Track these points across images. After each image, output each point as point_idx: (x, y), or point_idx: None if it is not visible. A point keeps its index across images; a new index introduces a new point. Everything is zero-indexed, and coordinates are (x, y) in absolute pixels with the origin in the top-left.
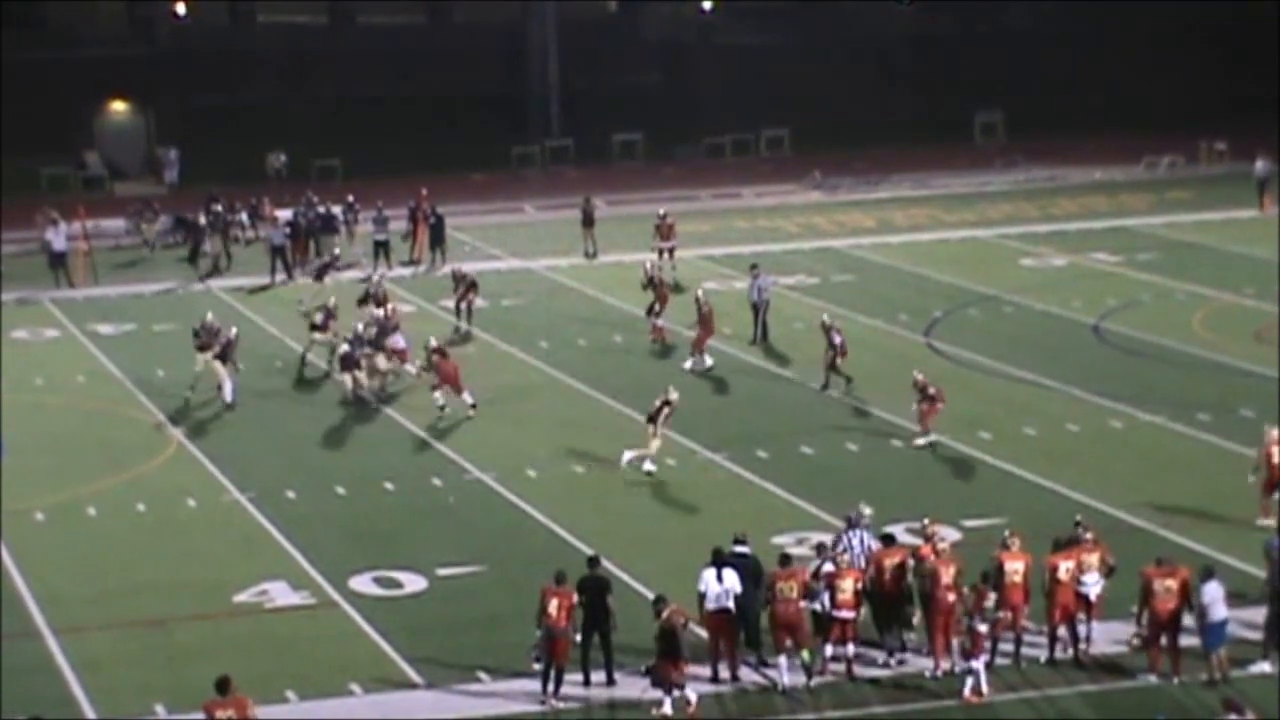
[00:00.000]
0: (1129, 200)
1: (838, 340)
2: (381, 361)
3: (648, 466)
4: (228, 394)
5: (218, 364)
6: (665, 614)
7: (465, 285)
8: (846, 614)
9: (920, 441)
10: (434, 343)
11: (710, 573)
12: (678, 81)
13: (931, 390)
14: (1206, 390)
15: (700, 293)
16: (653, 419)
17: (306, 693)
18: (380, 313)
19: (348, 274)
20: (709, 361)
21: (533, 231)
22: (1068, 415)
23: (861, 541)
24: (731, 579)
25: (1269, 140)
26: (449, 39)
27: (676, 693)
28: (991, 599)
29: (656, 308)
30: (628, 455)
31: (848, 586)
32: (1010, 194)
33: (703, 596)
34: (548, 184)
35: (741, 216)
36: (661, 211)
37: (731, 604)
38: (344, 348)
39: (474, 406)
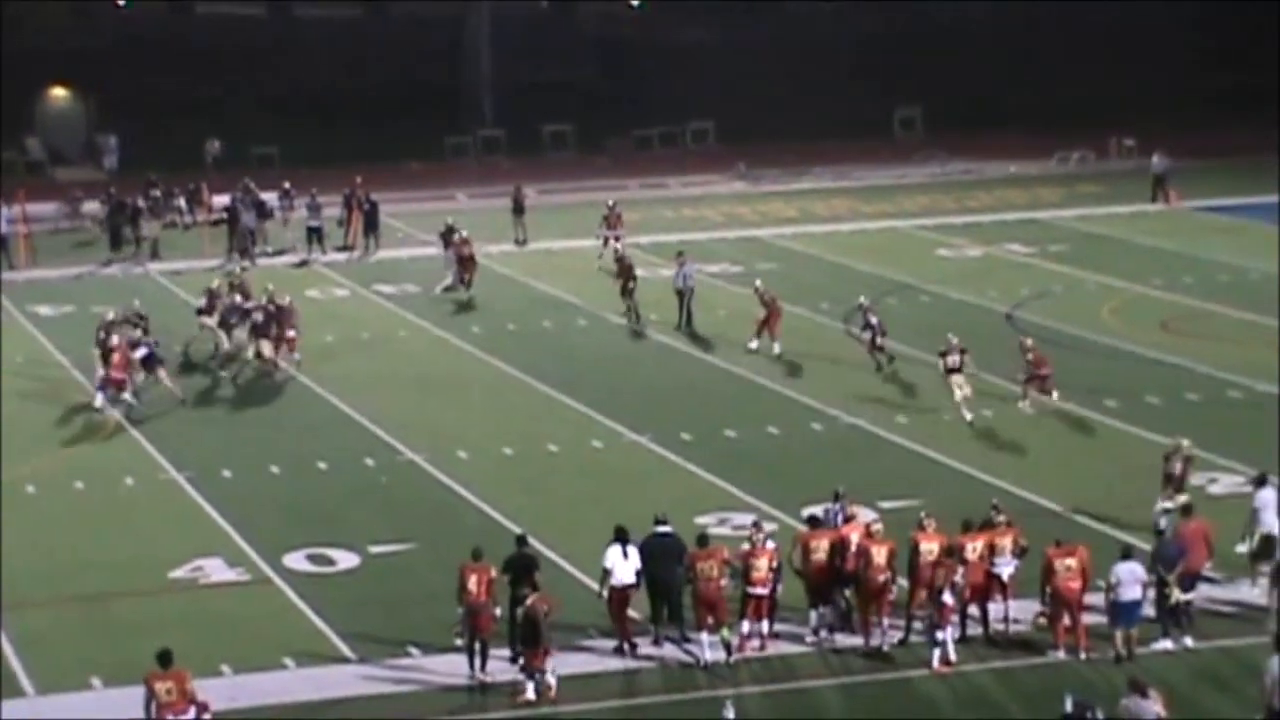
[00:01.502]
0: (1042, 193)
1: (874, 321)
2: (265, 346)
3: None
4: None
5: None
6: (529, 602)
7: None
8: (761, 590)
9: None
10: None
11: (615, 549)
12: (608, 75)
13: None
14: (1115, 378)
15: (759, 282)
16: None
17: (241, 667)
18: (238, 299)
19: (282, 259)
20: (778, 348)
21: (465, 219)
22: (982, 401)
23: (834, 516)
24: (635, 556)
25: (1172, 136)
26: (385, 31)
27: (538, 677)
28: (960, 573)
29: (631, 286)
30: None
31: (762, 565)
32: (927, 187)
33: (608, 573)
34: (480, 173)
35: (668, 206)
36: (611, 201)
37: (634, 579)
38: (258, 317)
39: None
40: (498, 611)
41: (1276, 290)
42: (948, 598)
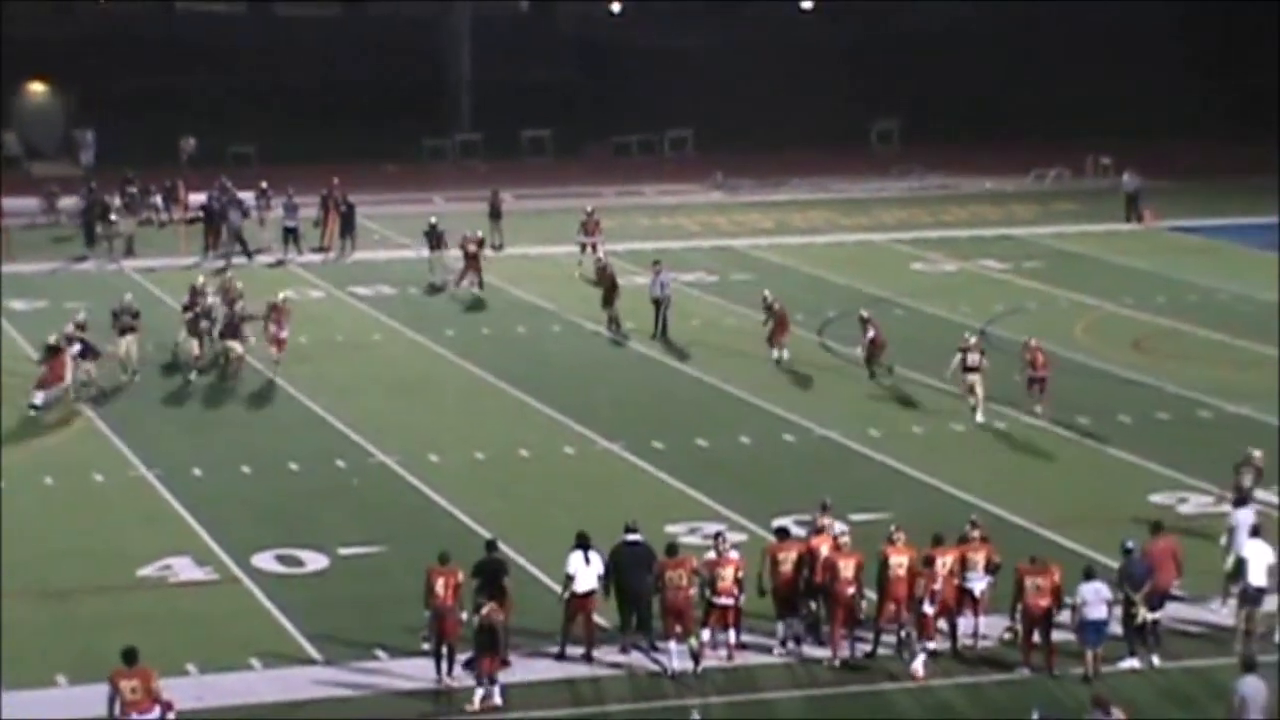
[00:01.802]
0: (1017, 210)
1: (872, 334)
2: (234, 346)
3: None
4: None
5: (133, 341)
6: (484, 611)
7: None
8: (725, 600)
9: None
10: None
11: (577, 556)
12: (588, 80)
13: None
14: (1087, 395)
15: (768, 293)
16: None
17: (207, 666)
18: (213, 300)
19: (258, 259)
20: (786, 355)
21: (441, 223)
22: (954, 415)
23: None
24: (597, 562)
25: (1149, 156)
26: (364, 31)
27: (487, 686)
28: (939, 581)
29: (613, 296)
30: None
31: (727, 574)
32: (904, 200)
33: (570, 579)
34: (457, 176)
35: (644, 214)
36: (589, 208)
37: (596, 585)
38: (233, 315)
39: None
40: (464, 616)
41: (1247, 310)
42: (928, 608)
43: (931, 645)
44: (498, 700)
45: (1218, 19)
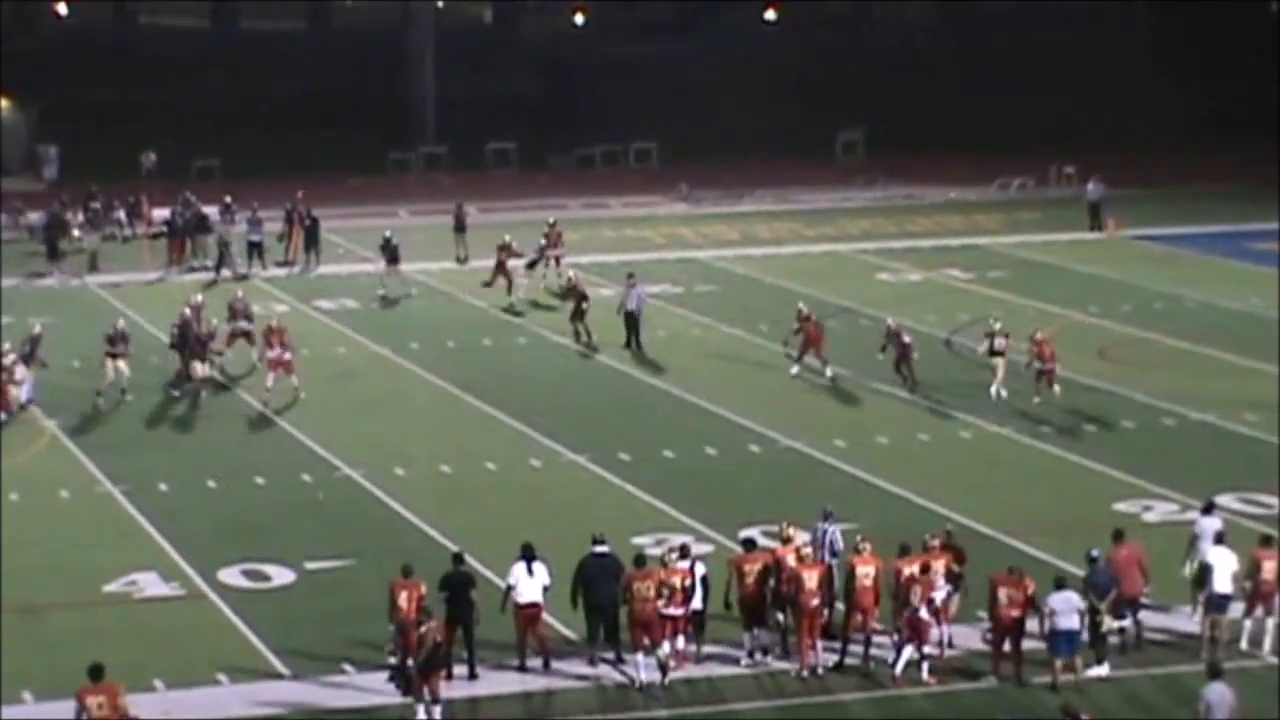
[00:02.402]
0: (981, 220)
1: (907, 340)
2: (197, 367)
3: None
4: (25, 394)
5: (123, 365)
6: (423, 630)
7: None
8: (675, 611)
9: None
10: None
11: (520, 566)
12: (552, 92)
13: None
14: (1052, 404)
15: (804, 306)
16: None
17: (174, 682)
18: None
19: (221, 273)
20: (829, 372)
21: (406, 236)
22: (919, 425)
23: (826, 536)
24: (542, 573)
25: (1112, 165)
26: (328, 44)
27: (429, 705)
28: (939, 587)
29: (583, 309)
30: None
31: (674, 584)
32: (869, 211)
33: (511, 590)
34: (422, 190)
35: (609, 226)
36: (551, 220)
37: (540, 597)
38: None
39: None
40: (431, 625)
41: (1211, 319)
42: (924, 614)
43: (927, 649)
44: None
45: (1180, 33)
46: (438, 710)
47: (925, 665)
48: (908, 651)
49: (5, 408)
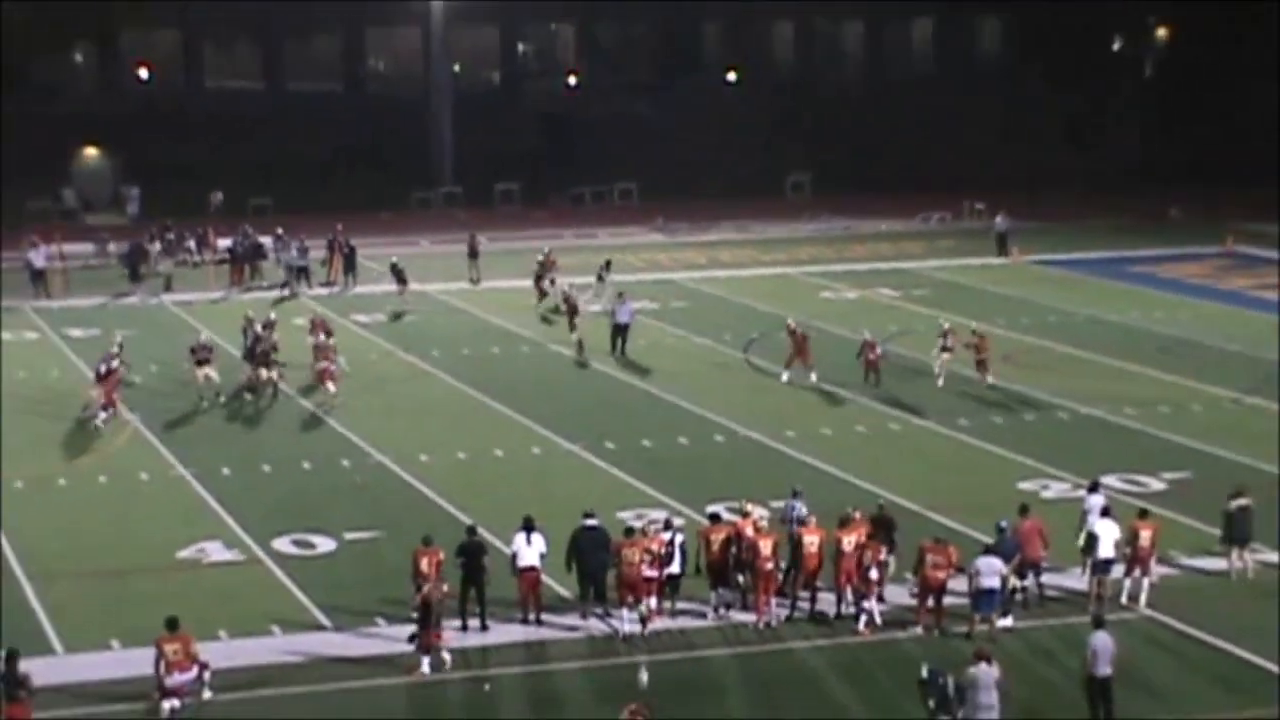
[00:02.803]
0: (907, 247)
1: (878, 351)
2: (262, 373)
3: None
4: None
5: (212, 372)
6: (425, 590)
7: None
8: (651, 573)
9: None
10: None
11: (521, 536)
12: (550, 143)
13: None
14: (966, 401)
15: (792, 321)
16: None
17: (236, 633)
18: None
19: (274, 292)
20: (814, 376)
21: (428, 261)
22: (857, 419)
23: (793, 510)
24: (539, 542)
25: (1015, 201)
26: (363, 103)
27: (434, 655)
28: (884, 552)
29: (576, 321)
30: None
31: (654, 550)
32: (814, 240)
33: (514, 556)
34: (441, 223)
35: (597, 253)
36: (546, 249)
37: (538, 562)
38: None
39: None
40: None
41: (1098, 330)
42: (874, 574)
43: (870, 604)
44: (425, 670)
45: (1077, 93)
46: (426, 661)
47: (864, 618)
48: (869, 605)
49: (110, 404)
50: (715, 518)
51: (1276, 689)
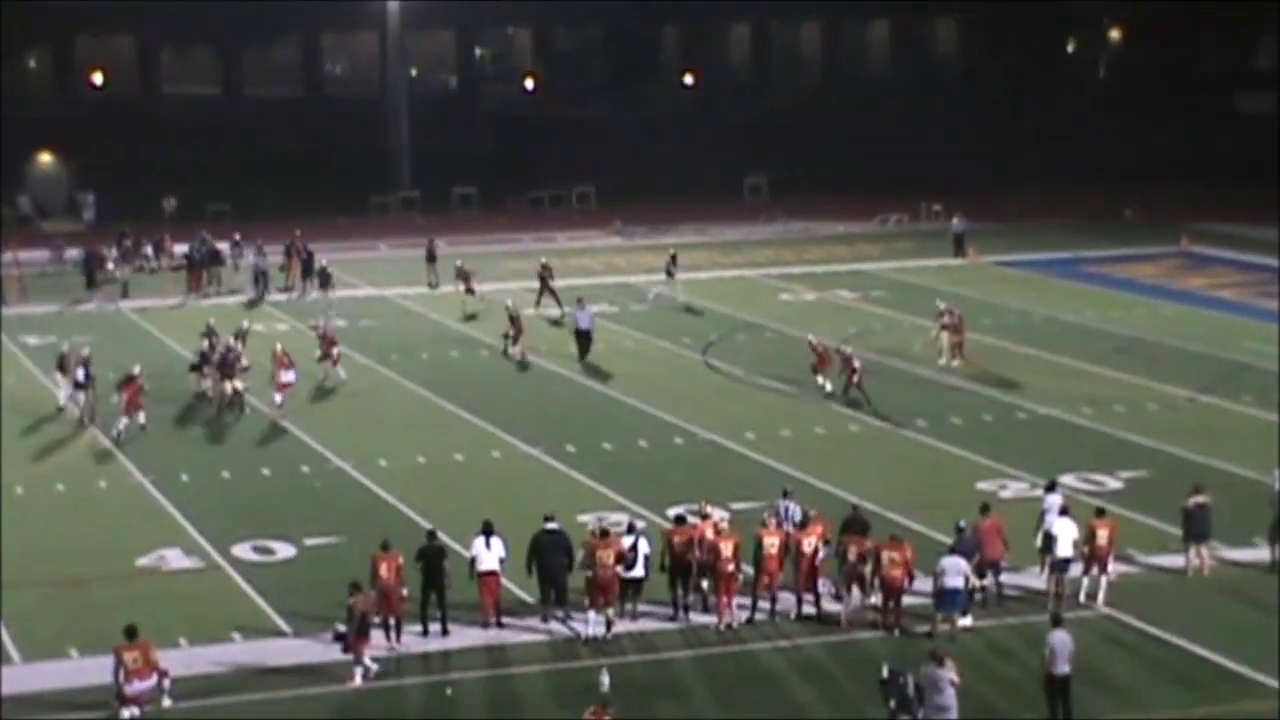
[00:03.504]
0: (865, 249)
1: (856, 364)
2: (227, 385)
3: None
4: (62, 398)
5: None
6: (353, 600)
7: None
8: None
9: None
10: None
11: (480, 541)
12: (507, 146)
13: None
14: (925, 402)
15: (812, 337)
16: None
17: (196, 639)
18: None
19: (232, 298)
20: (829, 386)
21: (386, 266)
22: (816, 420)
23: (787, 510)
24: (498, 546)
25: (971, 202)
26: (320, 108)
27: (364, 664)
28: (867, 547)
29: (513, 333)
30: None
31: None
32: (771, 242)
33: (473, 561)
34: (399, 227)
35: (556, 256)
36: (459, 261)
37: (497, 566)
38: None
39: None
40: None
41: (1054, 330)
42: (864, 569)
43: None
44: (358, 680)
45: (1032, 94)
46: (359, 672)
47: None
48: (856, 597)
49: (136, 410)
50: (680, 520)
51: (1234, 686)
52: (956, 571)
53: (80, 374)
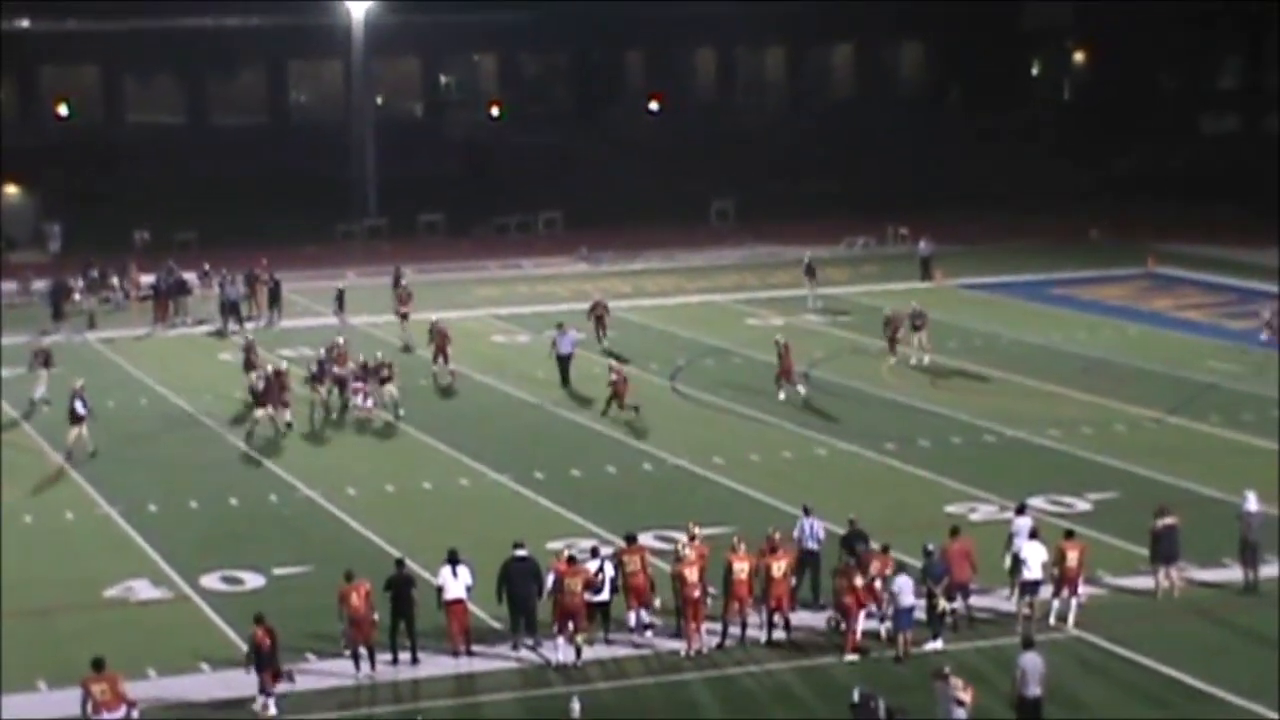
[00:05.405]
0: (832, 273)
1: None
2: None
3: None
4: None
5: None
6: (257, 634)
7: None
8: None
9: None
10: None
11: (446, 569)
12: (473, 172)
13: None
14: (893, 425)
15: (780, 337)
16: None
17: (164, 670)
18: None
19: (200, 328)
20: (801, 390)
21: (353, 294)
22: (784, 444)
23: (811, 527)
24: (465, 574)
25: (938, 226)
26: (286, 136)
27: (274, 696)
28: (890, 566)
29: (449, 353)
30: None
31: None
32: (739, 267)
33: (440, 590)
34: (366, 255)
35: (523, 283)
36: (406, 280)
37: (464, 594)
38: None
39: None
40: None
41: (1021, 352)
42: (878, 585)
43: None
44: (272, 711)
45: (997, 117)
46: (271, 702)
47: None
48: (863, 621)
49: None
50: (631, 539)
51: (1205, 707)
52: (909, 590)
53: (79, 406)
